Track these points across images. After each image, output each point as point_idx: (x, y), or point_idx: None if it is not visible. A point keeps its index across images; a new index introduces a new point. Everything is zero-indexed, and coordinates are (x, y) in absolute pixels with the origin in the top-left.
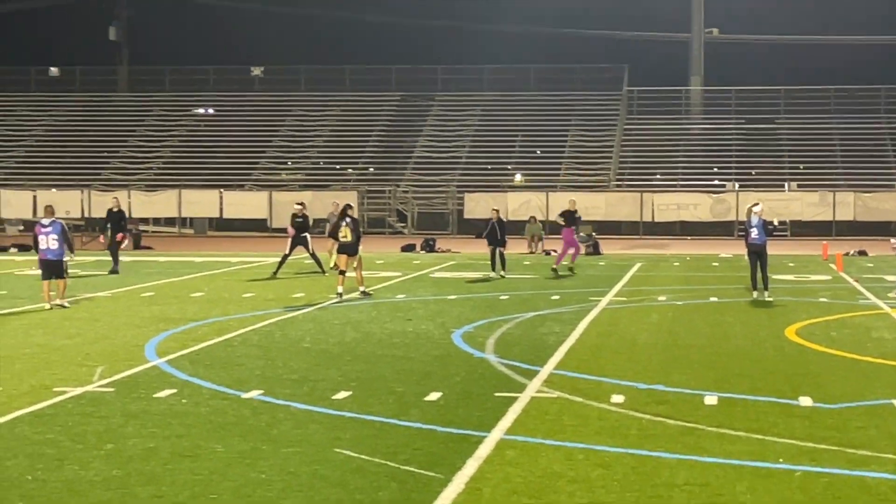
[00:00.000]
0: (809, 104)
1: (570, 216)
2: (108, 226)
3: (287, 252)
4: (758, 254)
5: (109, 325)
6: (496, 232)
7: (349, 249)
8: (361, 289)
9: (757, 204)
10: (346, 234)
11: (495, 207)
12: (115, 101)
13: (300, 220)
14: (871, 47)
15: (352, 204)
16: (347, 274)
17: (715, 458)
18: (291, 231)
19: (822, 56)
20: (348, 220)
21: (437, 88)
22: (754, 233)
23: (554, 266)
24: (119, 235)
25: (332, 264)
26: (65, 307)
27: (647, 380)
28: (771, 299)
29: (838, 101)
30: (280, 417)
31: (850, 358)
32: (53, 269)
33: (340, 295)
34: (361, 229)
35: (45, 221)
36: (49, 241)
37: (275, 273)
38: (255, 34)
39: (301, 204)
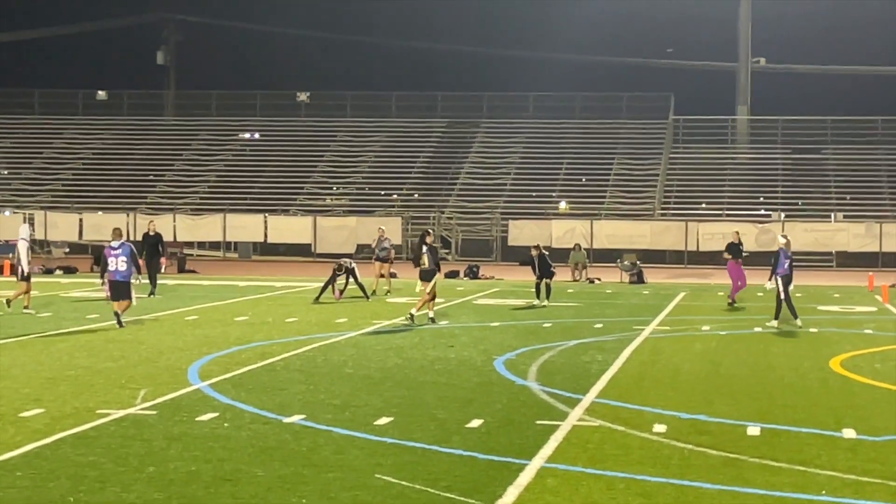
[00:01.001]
0: (856, 134)
1: (734, 248)
2: (144, 250)
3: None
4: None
5: (153, 348)
6: (536, 267)
7: (428, 276)
8: (413, 311)
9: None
10: (424, 261)
11: (536, 244)
12: (162, 125)
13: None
14: None
15: (430, 231)
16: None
17: (757, 489)
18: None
19: (869, 86)
20: (425, 247)
21: (482, 115)
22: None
23: (730, 301)
24: (163, 259)
25: (373, 289)
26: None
27: (689, 409)
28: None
29: (885, 132)
30: (321, 443)
31: (895, 390)
32: (122, 290)
33: (433, 319)
34: (428, 255)
35: (115, 244)
36: (118, 263)
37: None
38: (302, 60)
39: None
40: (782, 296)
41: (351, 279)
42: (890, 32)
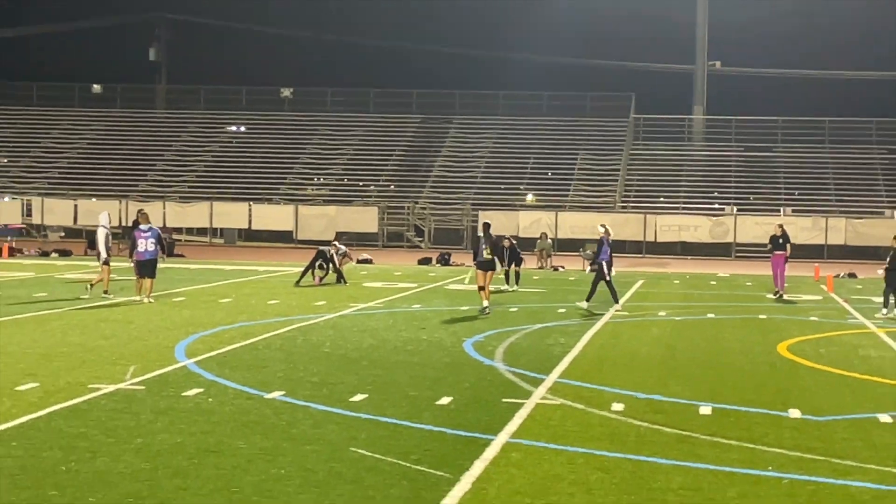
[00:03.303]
0: (805, 134)
1: (775, 241)
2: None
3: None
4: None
5: (143, 327)
6: (506, 257)
7: (488, 266)
8: (485, 303)
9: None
10: (489, 251)
11: (508, 237)
12: (153, 117)
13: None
14: (865, 82)
15: (489, 222)
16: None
17: (708, 464)
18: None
19: (819, 89)
20: (484, 238)
21: (455, 112)
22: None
23: (779, 291)
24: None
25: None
26: (151, 302)
27: (646, 390)
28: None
29: (832, 132)
30: (300, 417)
31: (838, 374)
32: (148, 268)
33: (485, 309)
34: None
35: (144, 227)
36: (147, 244)
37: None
38: (286, 58)
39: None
40: (607, 277)
41: (331, 266)
42: (840, 38)
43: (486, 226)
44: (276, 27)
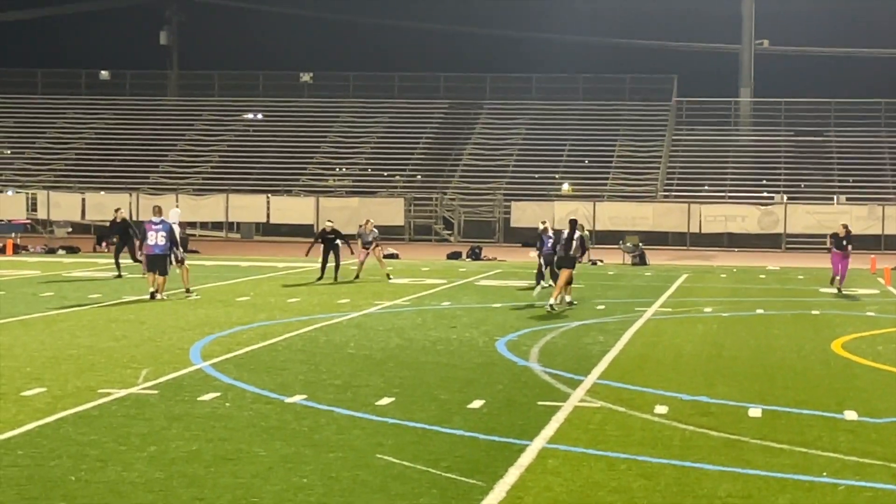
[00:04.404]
0: (859, 117)
1: (837, 240)
2: (113, 236)
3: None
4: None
5: (155, 327)
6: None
7: (569, 263)
8: (567, 298)
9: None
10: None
11: (544, 220)
12: (165, 105)
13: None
14: None
15: (578, 220)
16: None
17: (758, 470)
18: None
19: (873, 69)
20: (577, 235)
21: (485, 97)
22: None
23: (838, 285)
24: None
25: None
26: (163, 299)
27: (691, 391)
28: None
29: (889, 114)
30: (323, 422)
31: None
32: (158, 263)
33: (571, 303)
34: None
35: (156, 220)
36: (158, 238)
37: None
38: (305, 40)
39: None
40: (543, 269)
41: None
42: (892, 14)
43: (574, 222)
44: (295, 8)
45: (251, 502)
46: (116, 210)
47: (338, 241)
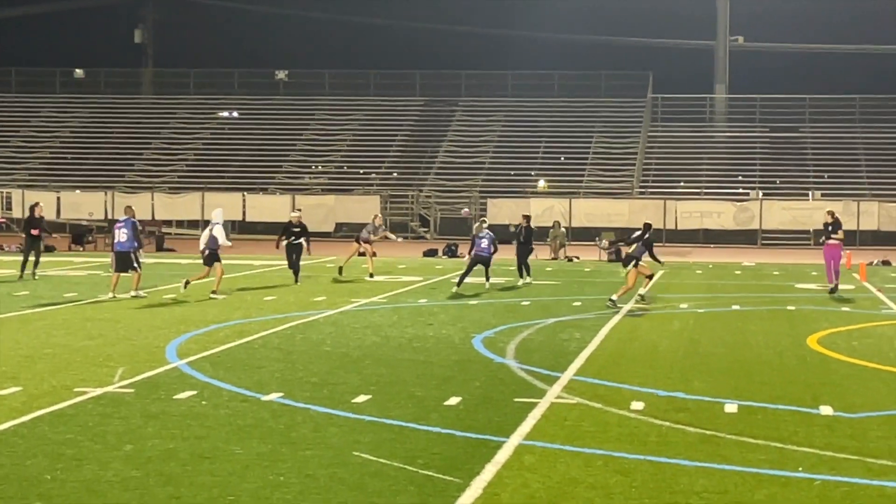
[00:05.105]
0: (834, 113)
1: (825, 228)
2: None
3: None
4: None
5: (131, 326)
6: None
7: (627, 261)
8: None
9: (484, 221)
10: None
11: (526, 214)
12: (140, 103)
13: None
14: None
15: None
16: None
17: (734, 465)
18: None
19: (848, 65)
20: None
21: (460, 94)
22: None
23: (833, 286)
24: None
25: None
26: (141, 297)
27: (667, 387)
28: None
29: (863, 110)
30: (299, 420)
31: (872, 367)
32: (122, 260)
33: (643, 297)
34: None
35: (121, 218)
36: (120, 235)
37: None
38: (280, 38)
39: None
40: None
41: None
42: (868, 10)
43: (648, 226)
44: (270, 5)
45: (228, 500)
46: (36, 205)
47: (301, 241)
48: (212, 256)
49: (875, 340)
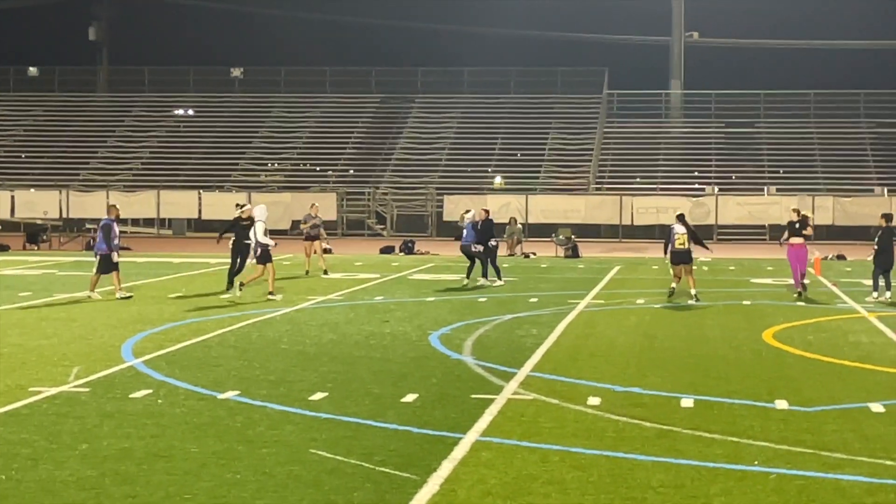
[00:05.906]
0: (789, 108)
1: (792, 227)
2: None
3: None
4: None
5: (86, 325)
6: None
7: (685, 258)
8: (693, 291)
9: (469, 211)
10: (682, 241)
11: (485, 208)
12: (95, 101)
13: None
14: (852, 52)
15: (684, 213)
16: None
17: (690, 460)
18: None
19: (803, 60)
20: (684, 227)
21: (416, 91)
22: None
23: (800, 291)
24: None
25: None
26: (126, 297)
27: (623, 382)
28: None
29: (818, 106)
30: (256, 418)
31: (827, 361)
32: (100, 263)
33: (673, 290)
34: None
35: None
36: (97, 237)
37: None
38: (235, 35)
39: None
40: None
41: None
42: (822, 6)
43: (681, 216)
44: (225, 2)
45: (184, 499)
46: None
47: (248, 241)
48: (265, 255)
49: (830, 335)
